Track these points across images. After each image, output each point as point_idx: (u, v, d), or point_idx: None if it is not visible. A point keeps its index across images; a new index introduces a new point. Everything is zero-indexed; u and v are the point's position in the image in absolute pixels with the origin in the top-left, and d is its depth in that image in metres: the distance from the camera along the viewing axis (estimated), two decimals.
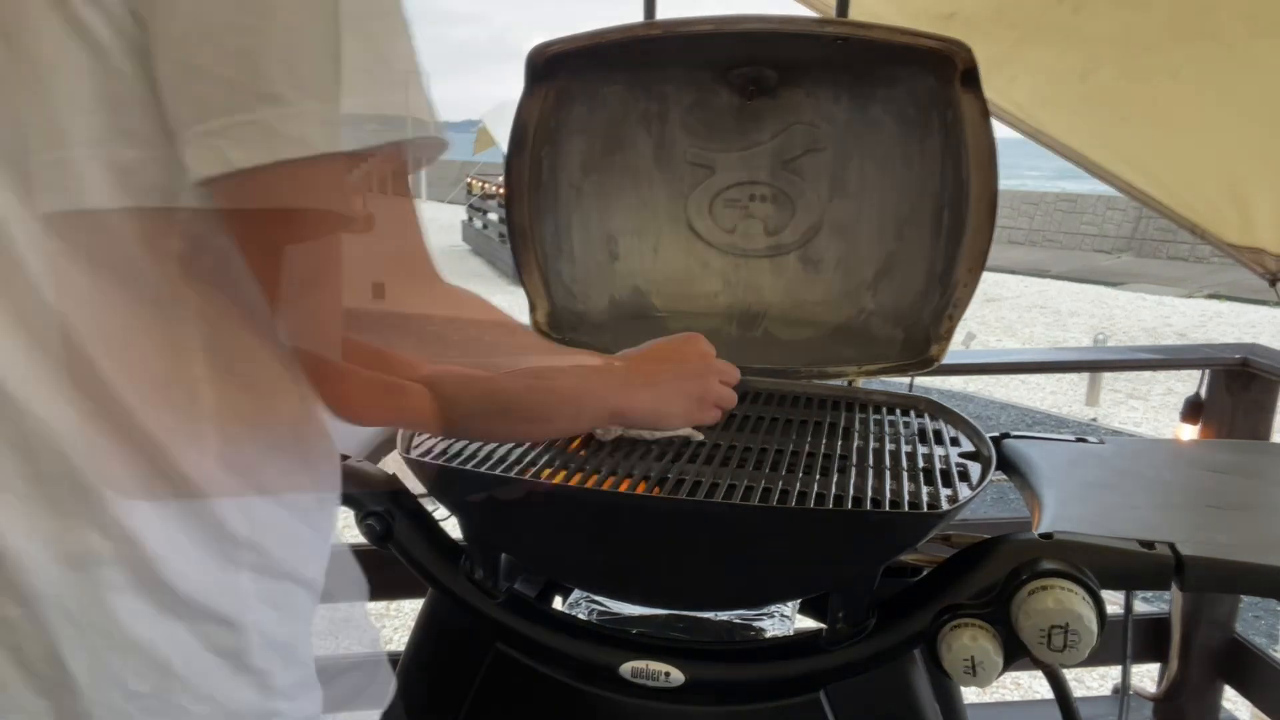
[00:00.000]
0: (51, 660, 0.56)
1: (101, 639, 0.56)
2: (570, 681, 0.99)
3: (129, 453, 0.56)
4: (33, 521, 0.55)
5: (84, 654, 0.56)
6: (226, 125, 0.49)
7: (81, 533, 0.56)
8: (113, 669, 0.57)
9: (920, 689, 0.98)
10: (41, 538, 0.55)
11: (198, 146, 0.50)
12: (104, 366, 0.55)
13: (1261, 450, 1.40)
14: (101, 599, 0.56)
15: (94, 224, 0.53)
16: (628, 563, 1.01)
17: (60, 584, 0.56)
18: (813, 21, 1.36)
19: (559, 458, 1.05)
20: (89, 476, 0.56)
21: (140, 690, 0.57)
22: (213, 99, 0.50)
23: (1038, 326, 9.68)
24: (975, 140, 1.20)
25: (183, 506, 0.58)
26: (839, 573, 0.97)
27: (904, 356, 1.32)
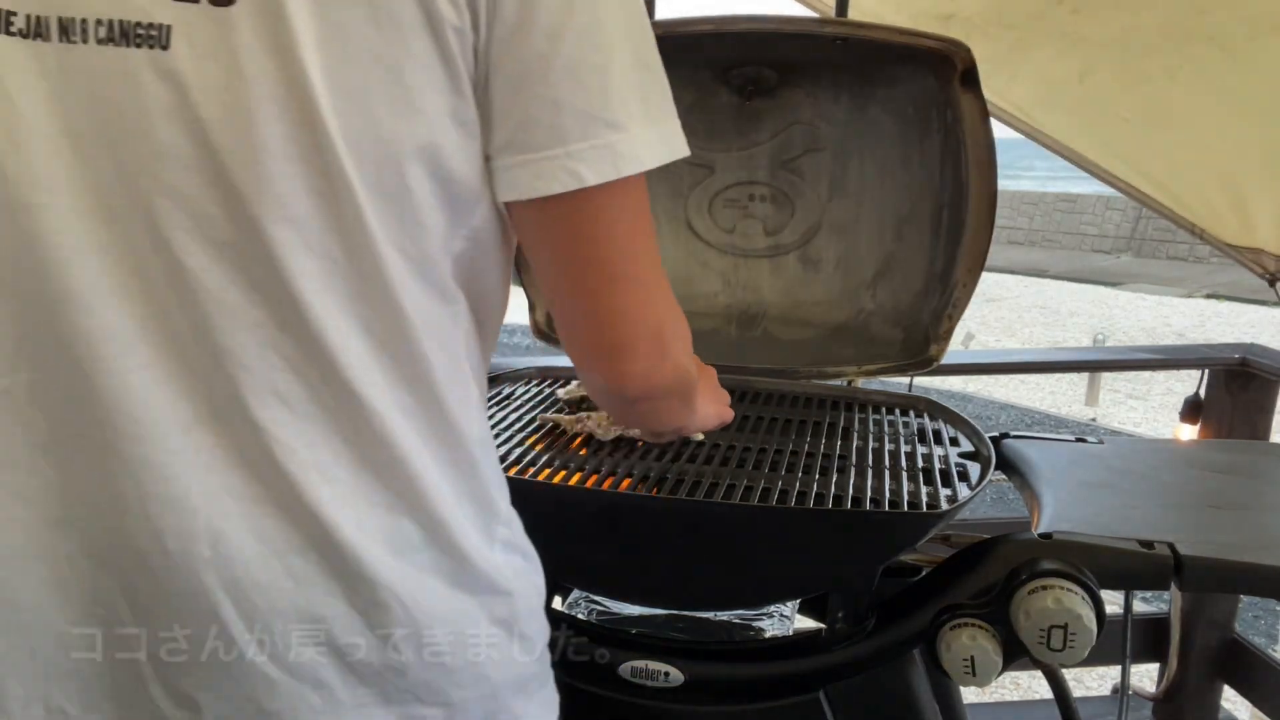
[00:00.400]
0: (381, 646, 0.59)
1: (422, 617, 0.60)
2: (570, 681, 0.99)
3: (439, 438, 0.61)
4: (360, 512, 0.58)
5: (412, 638, 0.60)
6: (581, 150, 0.56)
7: (400, 521, 0.60)
8: (430, 646, 0.60)
9: (920, 689, 0.98)
10: (370, 528, 0.59)
11: (548, 167, 0.56)
12: (427, 360, 0.59)
13: (1261, 450, 1.40)
14: (421, 582, 0.60)
15: (423, 230, 0.58)
16: (628, 562, 1.01)
17: (387, 570, 0.59)
18: (812, 22, 1.36)
19: (559, 457, 1.05)
20: (412, 464, 0.59)
21: (453, 665, 0.61)
22: (570, 129, 0.56)
23: (1037, 326, 9.68)
24: (974, 140, 1.20)
25: (470, 487, 0.63)
26: (839, 573, 0.97)
27: (903, 356, 1.32)
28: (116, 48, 0.52)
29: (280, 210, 0.54)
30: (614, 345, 0.63)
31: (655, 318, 0.63)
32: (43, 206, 0.54)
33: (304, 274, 0.55)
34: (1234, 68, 1.64)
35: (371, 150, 0.54)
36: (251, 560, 0.57)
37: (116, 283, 0.55)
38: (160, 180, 0.53)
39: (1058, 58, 1.78)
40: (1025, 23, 1.73)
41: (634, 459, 1.04)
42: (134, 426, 0.56)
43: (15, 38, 0.53)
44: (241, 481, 0.57)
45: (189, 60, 0.52)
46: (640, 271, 0.62)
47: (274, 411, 0.56)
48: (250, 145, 0.53)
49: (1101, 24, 1.66)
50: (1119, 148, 1.92)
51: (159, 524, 0.57)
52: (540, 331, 1.39)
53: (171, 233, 0.54)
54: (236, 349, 0.55)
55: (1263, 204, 1.82)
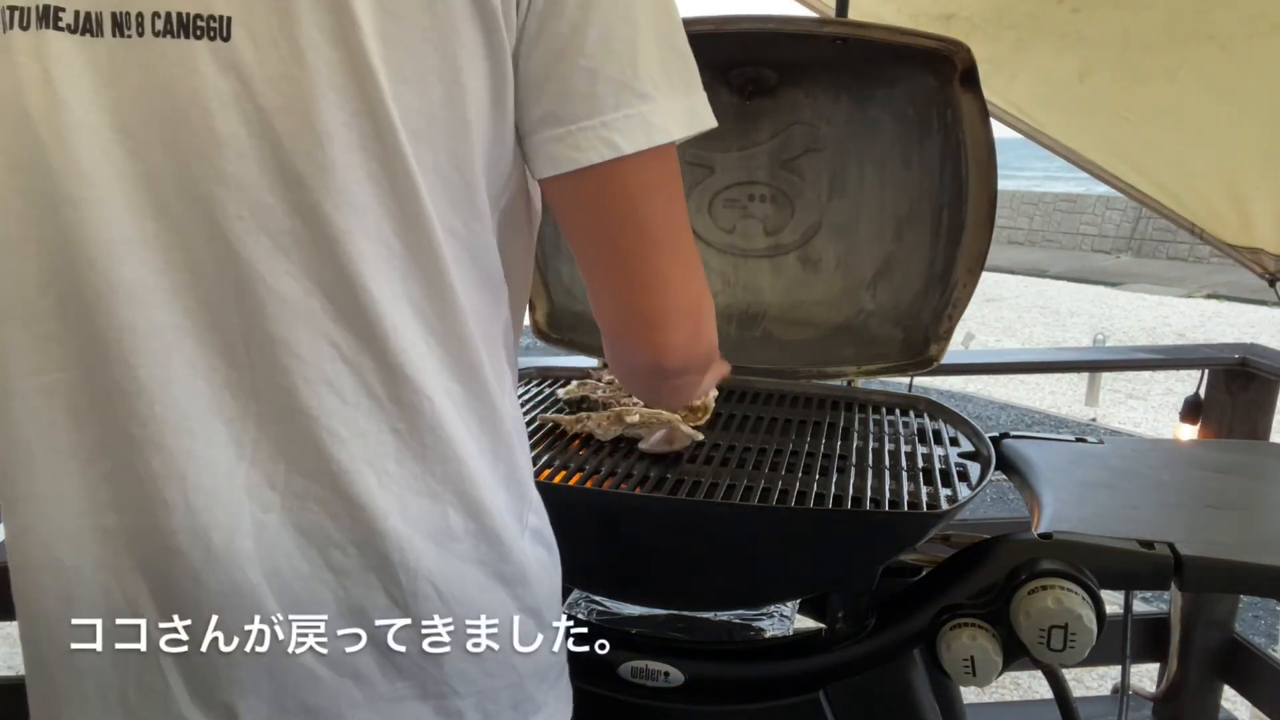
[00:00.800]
0: (420, 637, 0.60)
1: (459, 608, 0.61)
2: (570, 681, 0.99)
3: (482, 424, 0.61)
4: (405, 501, 0.59)
5: (451, 627, 0.60)
6: (615, 120, 0.57)
7: (444, 509, 0.60)
8: (469, 636, 0.61)
9: (920, 689, 0.98)
10: (413, 516, 0.59)
11: (585, 138, 0.57)
12: (475, 346, 0.60)
13: (1261, 450, 1.40)
14: (460, 572, 0.61)
15: (476, 214, 0.59)
16: (628, 562, 1.01)
17: (429, 560, 0.59)
18: (812, 22, 1.36)
19: (559, 457, 1.05)
20: (458, 450, 0.60)
21: (486, 655, 0.62)
22: (605, 98, 0.57)
23: (1037, 326, 9.68)
24: (974, 140, 1.20)
25: (508, 473, 0.64)
26: (839, 573, 0.97)
27: (903, 356, 1.32)
28: (175, 40, 0.53)
29: (341, 197, 0.54)
30: (657, 314, 0.63)
31: (695, 289, 0.64)
32: (88, 200, 0.54)
33: (362, 258, 0.55)
34: (1234, 67, 1.64)
35: (429, 134, 0.55)
36: (294, 553, 0.57)
37: (164, 276, 0.55)
38: (218, 169, 0.54)
39: (1058, 57, 1.78)
40: (1025, 22, 1.73)
41: (634, 459, 1.04)
42: (181, 420, 0.56)
43: (63, 33, 0.53)
44: (285, 473, 0.57)
45: (250, 51, 0.53)
46: (680, 240, 0.62)
47: (326, 401, 0.57)
48: (312, 133, 0.53)
49: (1102, 24, 1.66)
50: (1119, 147, 1.92)
51: (204, 518, 0.57)
52: (540, 331, 1.39)
53: (228, 223, 0.54)
54: (290, 338, 0.56)
55: (1263, 204, 1.82)
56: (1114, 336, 8.95)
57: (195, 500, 0.56)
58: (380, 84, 0.53)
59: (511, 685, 0.64)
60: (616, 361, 0.70)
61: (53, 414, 0.57)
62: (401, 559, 0.59)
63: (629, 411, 1.12)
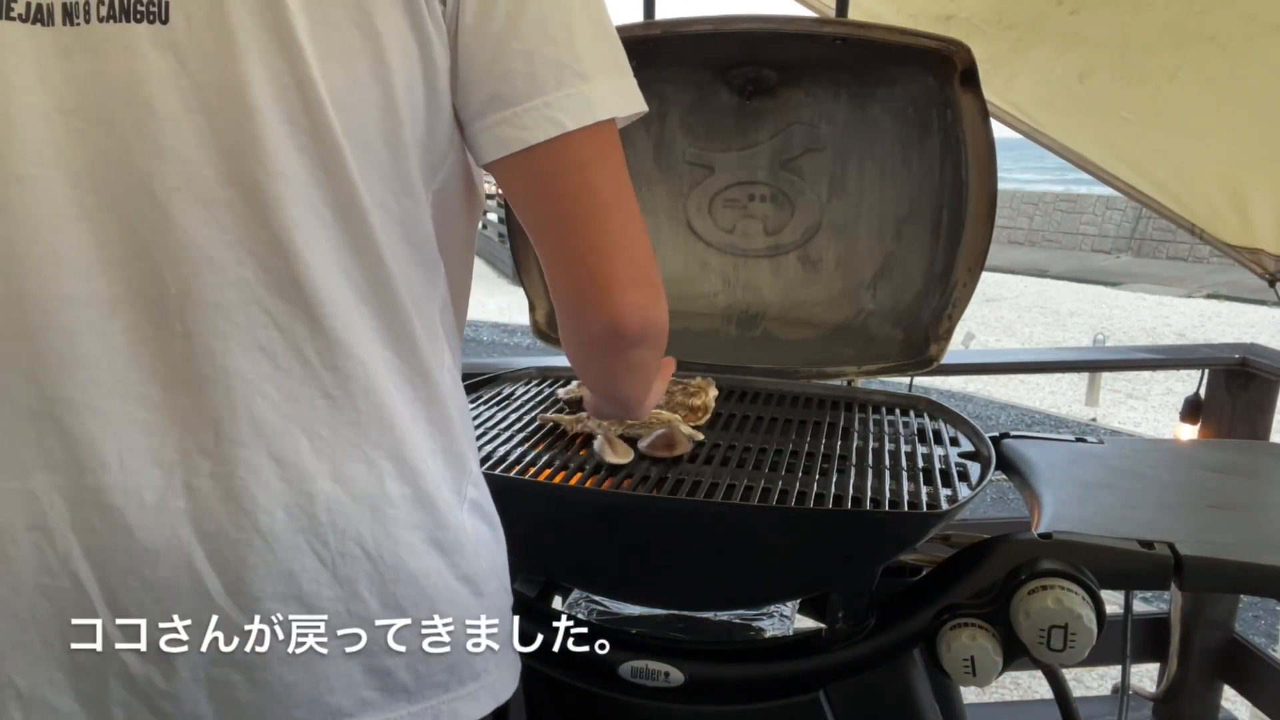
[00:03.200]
0: (352, 597, 0.61)
1: (390, 573, 0.62)
2: (570, 681, 0.99)
3: (416, 392, 0.64)
4: (338, 465, 0.61)
5: (376, 588, 0.62)
6: (558, 99, 0.60)
7: (379, 475, 0.62)
8: (398, 600, 0.63)
9: (920, 689, 0.98)
10: (346, 480, 0.61)
11: (530, 118, 0.60)
12: (409, 316, 0.63)
13: (1261, 450, 1.40)
14: (393, 536, 0.62)
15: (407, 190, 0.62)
16: (628, 562, 1.01)
17: (360, 523, 0.61)
18: (812, 21, 1.36)
19: (559, 457, 1.05)
20: (391, 416, 0.62)
21: (417, 616, 0.64)
22: (546, 78, 0.60)
23: (1037, 326, 9.68)
24: (974, 140, 1.20)
25: (445, 443, 0.66)
26: (839, 573, 0.97)
27: (903, 356, 1.32)
28: (118, 24, 0.56)
29: (273, 166, 0.57)
30: (612, 275, 0.64)
31: (645, 254, 0.66)
32: (34, 178, 0.57)
33: (295, 226, 0.58)
34: (1234, 67, 1.64)
35: (356, 110, 0.58)
36: (223, 516, 0.59)
37: (104, 248, 0.58)
38: (156, 143, 0.57)
39: (1057, 58, 1.78)
40: (1025, 23, 1.73)
41: (634, 459, 1.04)
42: (118, 385, 0.59)
43: (14, 22, 0.57)
44: (215, 440, 0.59)
45: (186, 31, 0.56)
46: (628, 206, 0.64)
47: (260, 366, 0.59)
48: (243, 106, 0.56)
49: (1101, 24, 1.66)
50: (1119, 148, 1.92)
51: (138, 479, 0.59)
52: (540, 331, 1.39)
53: (166, 194, 0.57)
54: (225, 304, 0.58)
55: (1263, 204, 1.82)
56: (1114, 336, 8.96)
57: (130, 460, 0.59)
58: (307, 60, 0.56)
59: (445, 649, 0.65)
60: (573, 335, 0.70)
61: None
62: (330, 519, 0.61)
63: None
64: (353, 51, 0.58)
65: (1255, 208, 1.83)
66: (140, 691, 0.60)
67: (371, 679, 0.63)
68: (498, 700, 0.70)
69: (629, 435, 1.09)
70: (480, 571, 0.68)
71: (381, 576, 0.62)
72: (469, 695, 0.67)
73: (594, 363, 0.73)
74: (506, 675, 0.72)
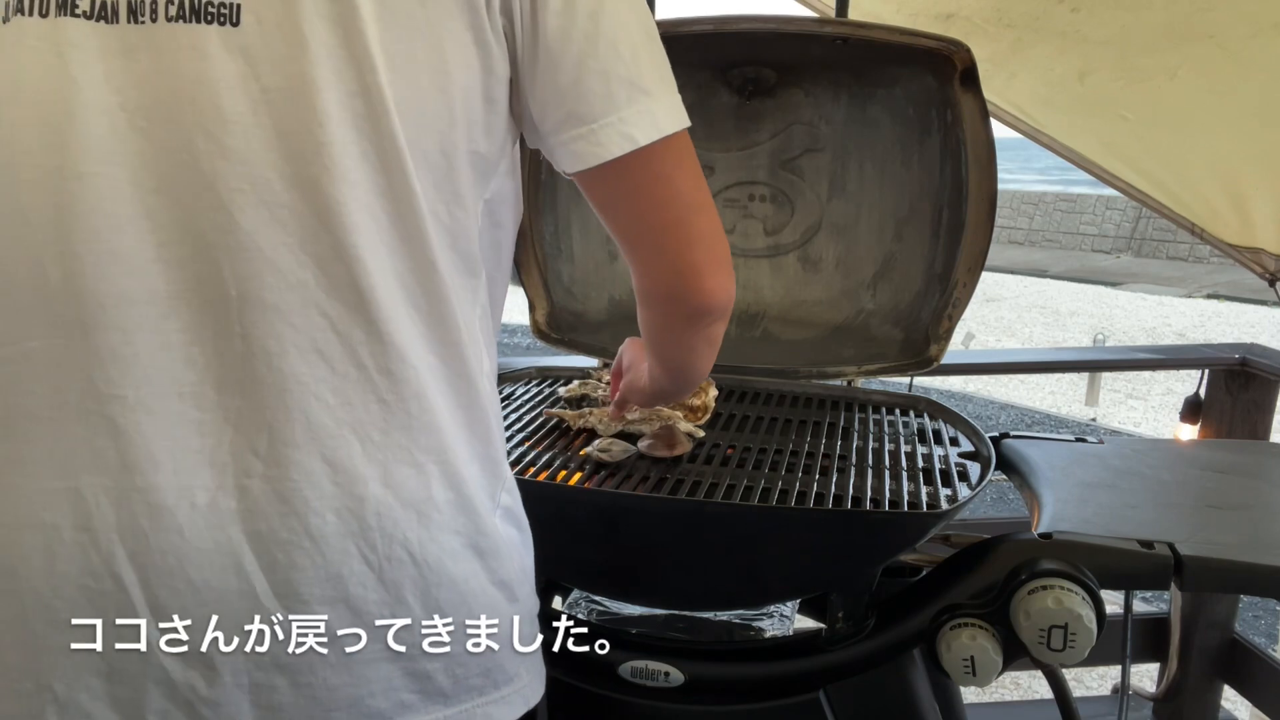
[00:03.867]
0: (396, 601, 0.62)
1: (433, 577, 0.63)
2: (570, 681, 0.99)
3: (459, 399, 0.65)
4: (389, 469, 0.61)
5: (420, 592, 0.63)
6: (630, 115, 0.63)
7: (426, 479, 0.62)
8: (439, 604, 0.64)
9: (920, 689, 0.98)
10: (395, 483, 0.61)
11: (605, 134, 0.63)
12: (456, 323, 0.64)
13: (1261, 450, 1.40)
14: (437, 540, 0.63)
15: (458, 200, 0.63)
16: (628, 562, 1.01)
17: (407, 527, 0.62)
18: (812, 21, 1.36)
19: (560, 457, 1.05)
20: (439, 421, 0.63)
21: (456, 621, 0.64)
22: (619, 95, 0.62)
23: (1037, 326, 9.68)
24: (974, 140, 1.20)
25: (483, 450, 0.67)
26: (839, 573, 0.97)
27: (903, 356, 1.32)
28: (187, 25, 0.57)
29: (336, 172, 0.58)
30: (701, 263, 0.69)
31: (722, 241, 0.71)
32: (95, 175, 0.57)
33: (356, 230, 0.59)
34: (1234, 66, 1.64)
35: (418, 119, 0.59)
36: (274, 518, 0.59)
37: (163, 247, 0.58)
38: (222, 145, 0.57)
39: (1058, 57, 1.78)
40: (1025, 22, 1.73)
41: (634, 459, 1.04)
42: (172, 384, 0.59)
43: (80, 19, 0.57)
44: (269, 442, 0.59)
45: (257, 35, 0.57)
46: (706, 200, 0.69)
47: (316, 368, 0.60)
48: (311, 112, 0.57)
49: (1102, 23, 1.66)
50: (1119, 147, 1.92)
51: (189, 479, 0.59)
52: (540, 331, 1.39)
53: (229, 195, 0.57)
54: (284, 307, 0.59)
55: (1263, 204, 1.82)
56: (1114, 336, 8.95)
57: (183, 460, 0.59)
58: (376, 68, 0.57)
59: (481, 653, 0.66)
60: (662, 317, 0.75)
61: (32, 381, 0.59)
62: (379, 523, 0.61)
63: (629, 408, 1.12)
64: (418, 61, 0.59)
65: (1255, 207, 1.83)
66: (180, 698, 0.60)
67: (411, 682, 0.63)
68: (528, 704, 0.71)
69: (630, 431, 1.09)
70: (514, 576, 0.68)
71: (425, 580, 0.63)
72: (502, 699, 0.68)
73: (679, 339, 0.77)
74: (536, 680, 0.72)
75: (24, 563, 0.60)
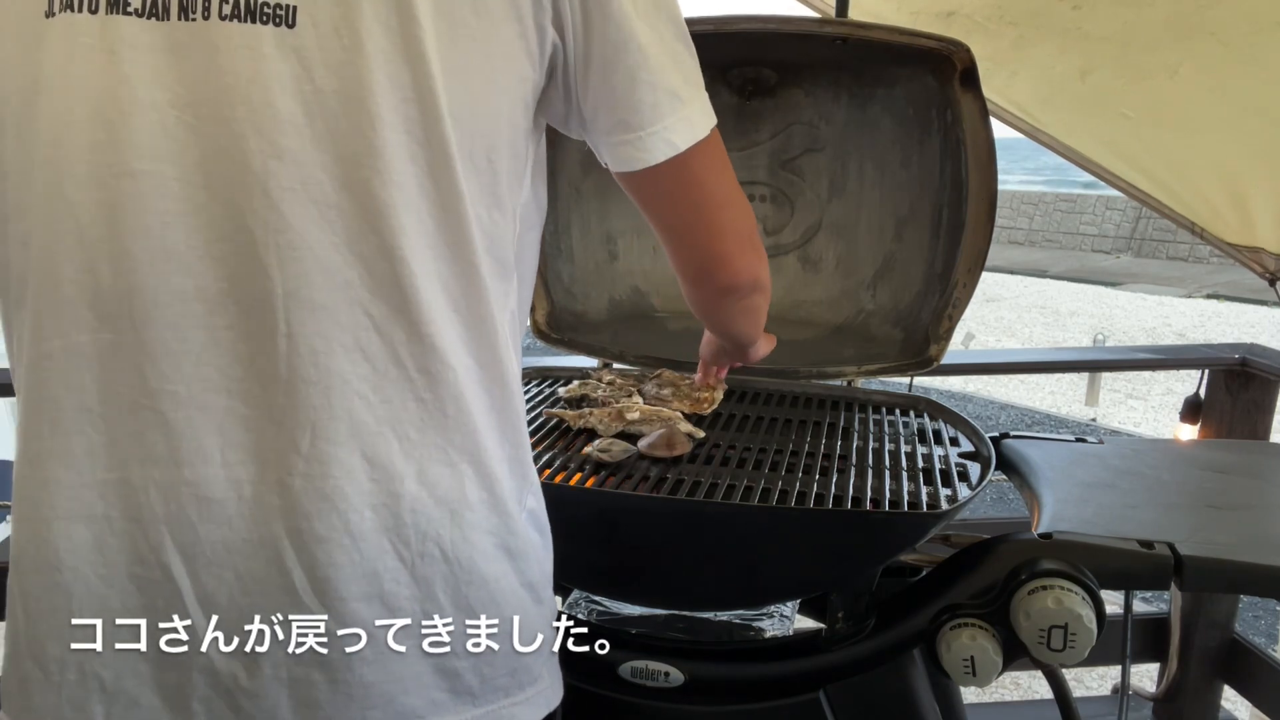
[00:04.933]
0: (428, 598, 0.63)
1: (464, 575, 0.64)
2: (570, 681, 0.99)
3: (495, 401, 0.66)
4: (424, 467, 0.62)
5: (450, 590, 0.63)
6: (673, 124, 0.65)
7: (461, 479, 0.63)
8: (469, 603, 0.64)
9: (920, 689, 0.98)
10: (430, 482, 0.62)
11: (651, 141, 0.65)
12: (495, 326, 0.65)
13: (1261, 450, 1.40)
14: (469, 540, 0.64)
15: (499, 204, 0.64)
16: (628, 562, 1.01)
17: (440, 525, 0.63)
18: (812, 22, 1.36)
19: (559, 457, 1.05)
20: (475, 422, 0.64)
21: (486, 620, 0.65)
22: (664, 105, 0.65)
23: (1037, 326, 9.68)
24: (974, 140, 1.20)
25: (514, 453, 0.68)
26: (839, 573, 0.97)
27: (903, 356, 1.32)
28: (241, 24, 0.57)
29: (387, 174, 0.58)
30: (727, 252, 0.74)
31: (750, 227, 0.76)
32: (146, 173, 0.58)
33: (403, 232, 0.59)
34: (1235, 65, 1.63)
35: (469, 124, 0.60)
36: (313, 515, 0.60)
37: (213, 244, 0.59)
38: (275, 144, 0.57)
39: (1059, 55, 1.77)
40: (1026, 19, 1.72)
41: (634, 459, 1.04)
42: (221, 380, 0.60)
43: (131, 16, 0.57)
44: (311, 439, 0.60)
45: (312, 37, 0.57)
46: (736, 195, 0.73)
47: (359, 366, 0.60)
48: (365, 114, 0.57)
49: (1103, 20, 1.66)
50: (1119, 146, 1.92)
51: (239, 471, 0.60)
52: (540, 331, 1.39)
53: (280, 194, 0.58)
54: (330, 305, 0.59)
55: (1263, 203, 1.81)
56: (1114, 336, 8.95)
57: (231, 454, 0.60)
58: (432, 73, 0.58)
59: (508, 653, 0.66)
60: (699, 294, 0.80)
61: (80, 375, 0.60)
62: (414, 520, 0.62)
63: (630, 408, 1.12)
64: (472, 67, 0.60)
65: (1255, 207, 1.83)
66: (223, 687, 0.61)
67: (441, 680, 0.64)
68: (550, 706, 0.71)
69: (631, 432, 1.09)
70: (539, 578, 0.69)
71: (456, 579, 0.63)
72: (526, 700, 0.68)
73: (719, 311, 0.83)
74: (556, 682, 0.73)
75: (73, 554, 0.61)
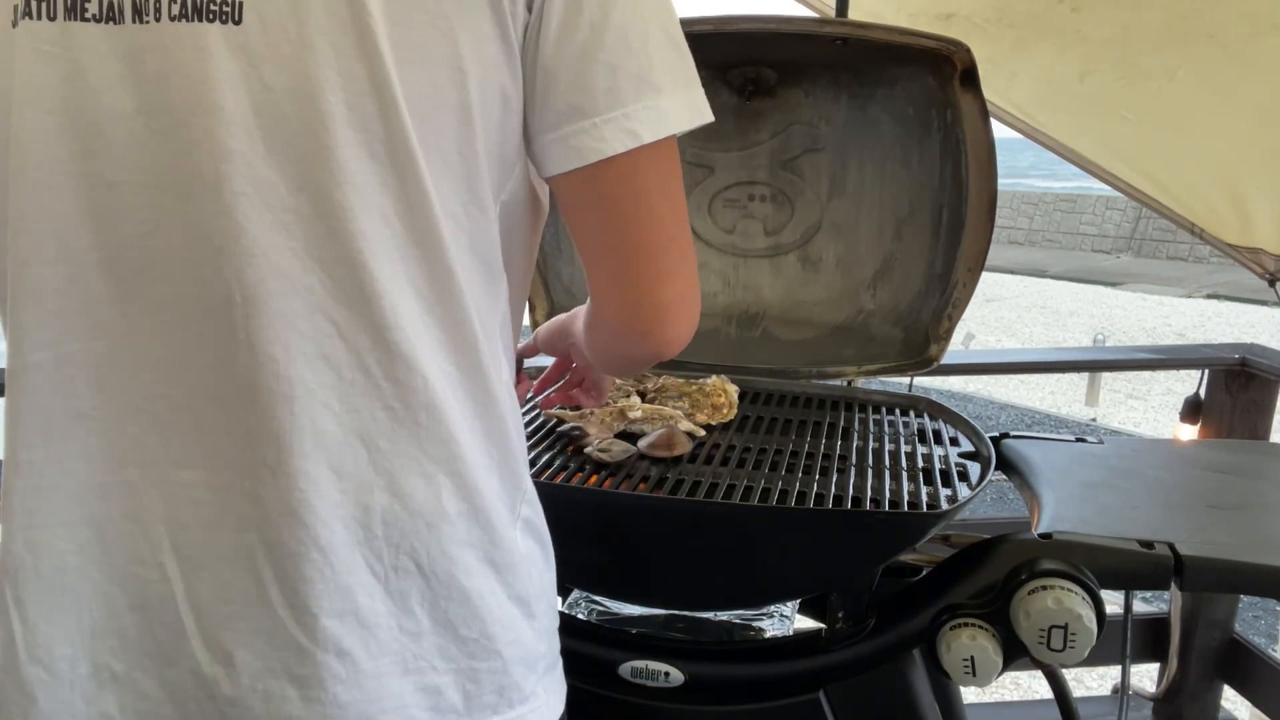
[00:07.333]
0: (404, 613, 0.61)
1: (443, 590, 0.62)
2: (570, 681, 0.99)
3: (477, 407, 0.63)
4: (395, 478, 0.60)
5: (428, 605, 0.61)
6: (636, 111, 0.59)
7: (437, 490, 0.61)
8: (449, 618, 0.62)
9: (920, 689, 0.98)
10: (404, 493, 0.60)
11: (609, 130, 0.59)
12: (473, 329, 0.62)
13: (1261, 450, 1.40)
14: (447, 553, 0.62)
15: (476, 200, 0.60)
16: (628, 563, 1.01)
17: (415, 537, 0.61)
18: (812, 21, 1.36)
19: (559, 458, 1.05)
20: (452, 430, 0.61)
21: (468, 636, 0.63)
22: (626, 90, 0.59)
23: (1037, 326, 9.68)
24: (974, 140, 1.20)
25: (502, 460, 0.65)
26: (839, 573, 0.97)
27: (903, 356, 1.32)
28: (189, 23, 0.55)
29: (342, 175, 0.56)
30: (667, 304, 0.65)
31: (694, 284, 0.67)
32: (123, 184, 0.57)
33: (363, 237, 0.57)
34: (1235, 66, 1.64)
35: (433, 118, 0.57)
36: (282, 528, 0.59)
37: (183, 252, 0.58)
38: (225, 146, 0.55)
39: (1058, 56, 1.78)
40: (1025, 21, 1.73)
41: (634, 459, 1.04)
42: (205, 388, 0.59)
43: (90, 23, 0.56)
44: (278, 454, 0.58)
45: (260, 33, 0.55)
46: (685, 233, 0.65)
47: (323, 375, 0.58)
48: (316, 113, 0.55)
49: (1102, 22, 1.66)
50: (1119, 147, 1.92)
51: (221, 478, 0.59)
52: None
53: (234, 199, 0.56)
54: (290, 313, 0.57)
55: (1263, 204, 1.82)
56: (1114, 336, 8.96)
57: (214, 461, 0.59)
58: (387, 66, 0.55)
59: (495, 670, 0.64)
60: (612, 350, 0.72)
61: (75, 382, 0.60)
62: (386, 534, 0.60)
63: (631, 407, 1.12)
64: (432, 57, 0.56)
65: (1255, 208, 1.83)
66: (208, 691, 0.60)
67: (422, 698, 0.62)
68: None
69: (631, 431, 1.09)
70: (531, 592, 0.67)
71: (434, 593, 0.61)
72: (517, 719, 0.66)
73: (616, 362, 0.77)
74: (554, 699, 0.70)
75: (79, 554, 0.61)
